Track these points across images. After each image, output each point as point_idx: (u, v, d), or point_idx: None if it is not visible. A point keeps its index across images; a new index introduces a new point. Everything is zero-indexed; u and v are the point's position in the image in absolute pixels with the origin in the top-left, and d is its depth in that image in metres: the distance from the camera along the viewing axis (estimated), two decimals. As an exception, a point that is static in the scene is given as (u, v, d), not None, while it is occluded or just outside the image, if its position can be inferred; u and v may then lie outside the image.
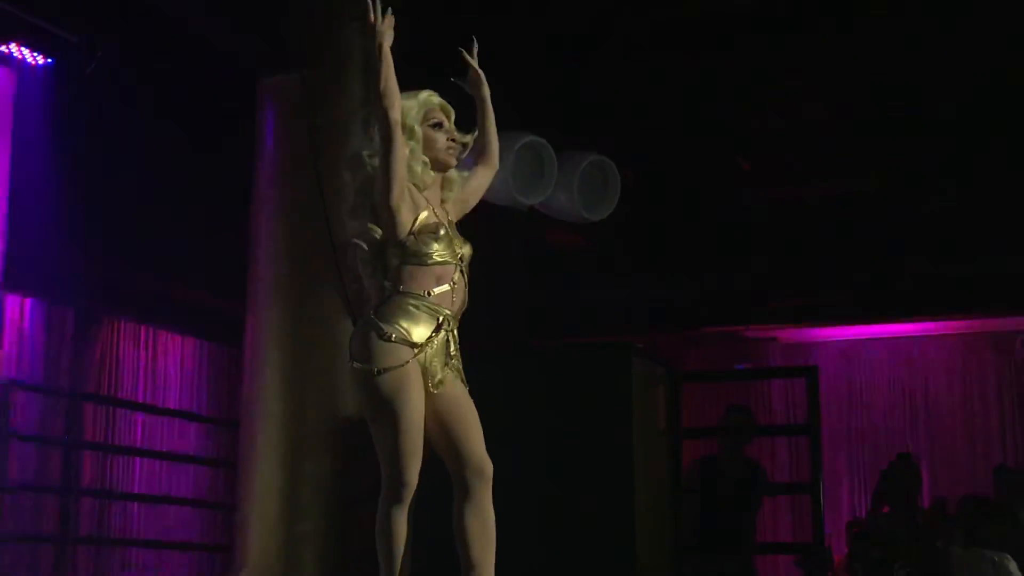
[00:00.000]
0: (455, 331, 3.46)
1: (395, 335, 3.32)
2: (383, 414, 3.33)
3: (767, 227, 8.24)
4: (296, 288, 5.92)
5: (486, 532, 3.37)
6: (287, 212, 5.97)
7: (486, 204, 3.87)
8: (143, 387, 8.58)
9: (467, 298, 3.49)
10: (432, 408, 3.39)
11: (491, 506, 3.39)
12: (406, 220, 3.38)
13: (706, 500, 6.37)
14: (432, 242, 3.40)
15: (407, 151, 3.43)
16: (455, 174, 3.58)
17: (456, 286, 3.44)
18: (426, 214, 3.43)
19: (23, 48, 5.62)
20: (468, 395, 3.47)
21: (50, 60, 5.70)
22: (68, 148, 6.63)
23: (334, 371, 5.73)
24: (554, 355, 6.06)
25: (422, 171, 3.49)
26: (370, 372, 3.32)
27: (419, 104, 3.50)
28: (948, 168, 7.64)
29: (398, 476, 3.33)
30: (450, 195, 3.58)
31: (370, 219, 3.45)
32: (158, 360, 8.75)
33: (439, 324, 3.39)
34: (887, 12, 6.21)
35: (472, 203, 3.66)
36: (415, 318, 3.36)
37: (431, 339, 3.37)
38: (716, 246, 8.34)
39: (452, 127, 3.54)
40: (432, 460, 3.43)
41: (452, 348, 3.44)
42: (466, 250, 3.50)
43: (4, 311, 6.59)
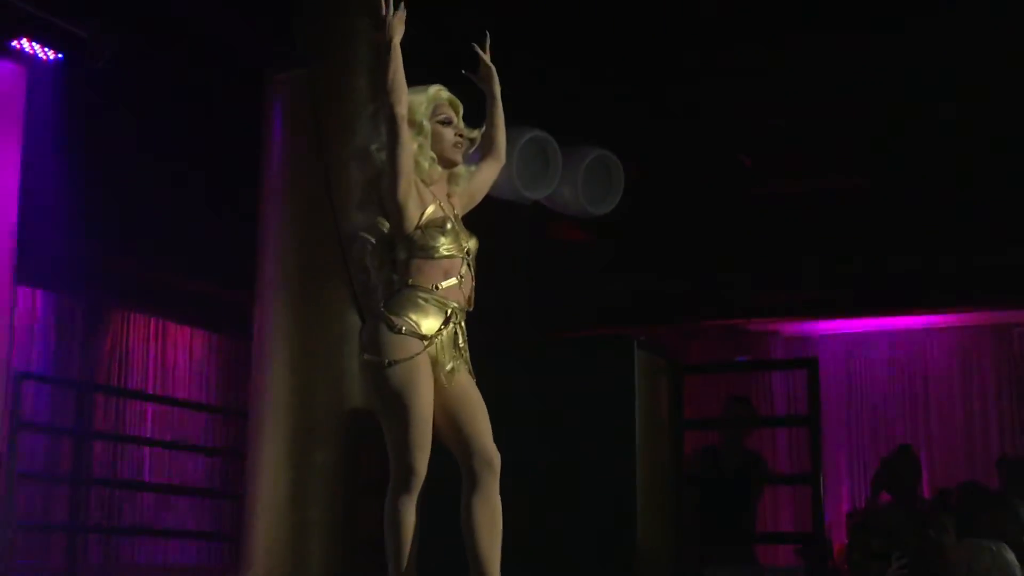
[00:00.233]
0: (463, 323, 3.45)
1: (405, 328, 3.31)
2: (393, 406, 3.32)
3: (768, 222, 8.23)
4: (303, 281, 5.92)
5: (493, 522, 3.36)
6: (295, 206, 5.97)
7: (491, 198, 3.85)
8: (152, 378, 8.59)
9: (474, 290, 3.48)
10: (441, 400, 3.38)
11: (498, 496, 3.38)
12: (413, 214, 3.37)
13: (707, 490, 6.37)
14: (439, 236, 3.38)
15: (415, 146, 3.41)
16: (462, 169, 3.56)
17: (463, 279, 3.43)
18: (433, 208, 3.41)
19: (34, 43, 5.60)
20: (476, 387, 3.46)
21: (60, 55, 5.68)
22: (78, 142, 6.63)
23: (341, 362, 5.74)
24: (558, 348, 6.06)
25: (429, 166, 3.48)
26: (380, 364, 3.30)
27: (428, 99, 3.47)
28: (945, 164, 7.62)
29: (407, 467, 3.32)
30: (456, 189, 3.56)
31: (377, 213, 3.44)
32: (167, 351, 8.75)
33: (448, 317, 3.38)
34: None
35: (479, 197, 3.65)
36: (424, 311, 3.35)
37: (440, 331, 3.36)
38: (718, 241, 8.33)
39: (460, 123, 3.52)
40: (440, 451, 3.42)
41: (460, 340, 3.43)
42: (472, 244, 3.48)
43: (15, 303, 6.57)
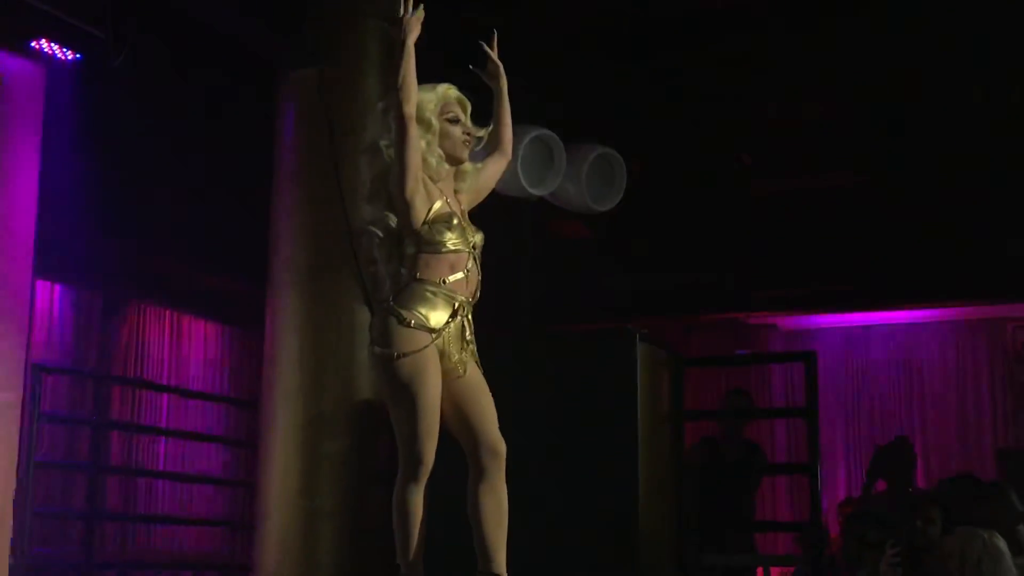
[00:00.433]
0: (470, 316, 3.47)
1: (414, 321, 3.33)
2: (402, 397, 3.34)
3: (768, 218, 8.23)
4: (314, 274, 5.90)
5: (499, 509, 3.40)
6: (306, 201, 5.94)
7: (497, 195, 3.86)
8: (168, 369, 8.60)
9: (480, 284, 3.48)
10: (448, 391, 3.41)
11: (504, 484, 3.41)
12: (420, 210, 3.39)
13: (707, 479, 6.37)
14: (445, 231, 3.40)
15: (423, 143, 3.41)
16: (469, 165, 3.58)
17: (470, 273, 3.45)
18: (439, 204, 3.43)
19: (52, 44, 5.61)
20: (483, 378, 3.48)
21: (78, 55, 5.70)
22: (96, 140, 6.63)
23: (351, 354, 5.72)
24: (563, 340, 6.02)
25: (437, 164, 3.48)
26: (390, 356, 3.33)
27: (437, 98, 3.48)
28: (941, 161, 7.61)
29: (415, 456, 3.35)
30: (463, 186, 3.58)
31: (385, 207, 3.45)
32: (182, 343, 8.77)
33: (455, 310, 3.40)
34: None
35: (485, 193, 3.67)
36: (432, 304, 3.37)
37: (448, 324, 3.38)
38: (719, 237, 8.33)
39: (468, 121, 3.54)
40: (448, 441, 3.43)
41: (468, 333, 3.45)
42: (478, 238, 3.50)
43: (35, 297, 6.59)
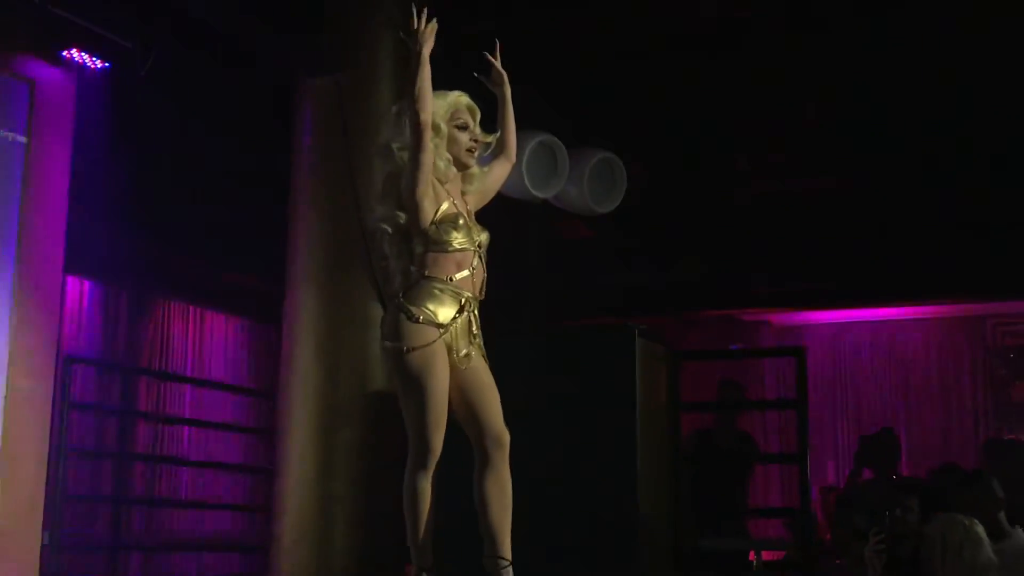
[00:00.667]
0: (476, 311, 3.46)
1: (423, 317, 3.33)
2: (411, 388, 3.34)
3: (760, 220, 8.22)
4: (330, 273, 5.93)
5: (504, 496, 3.39)
6: (322, 203, 5.97)
7: (504, 197, 3.87)
8: (191, 362, 8.57)
9: (486, 281, 3.48)
10: (455, 383, 3.40)
11: (508, 472, 3.41)
12: (429, 211, 3.39)
13: (702, 468, 6.39)
14: (452, 231, 3.40)
15: (432, 147, 3.40)
16: (476, 169, 3.59)
17: (475, 270, 3.44)
18: (447, 206, 3.42)
19: (83, 53, 5.64)
20: (489, 371, 3.48)
21: (107, 64, 5.72)
22: (123, 144, 6.64)
23: (364, 348, 5.75)
24: (565, 336, 6.09)
25: (445, 167, 3.50)
26: (400, 350, 3.33)
27: (448, 104, 3.48)
28: (923, 164, 7.59)
29: (424, 444, 3.35)
30: (470, 188, 3.58)
31: (396, 205, 3.44)
32: (205, 337, 8.74)
33: (462, 306, 3.40)
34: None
35: (491, 194, 3.67)
36: (440, 301, 3.37)
37: (455, 320, 3.37)
38: (714, 237, 8.32)
39: (476, 128, 3.53)
40: (455, 430, 3.43)
41: (474, 327, 3.44)
42: (483, 237, 3.50)
43: (65, 292, 6.59)
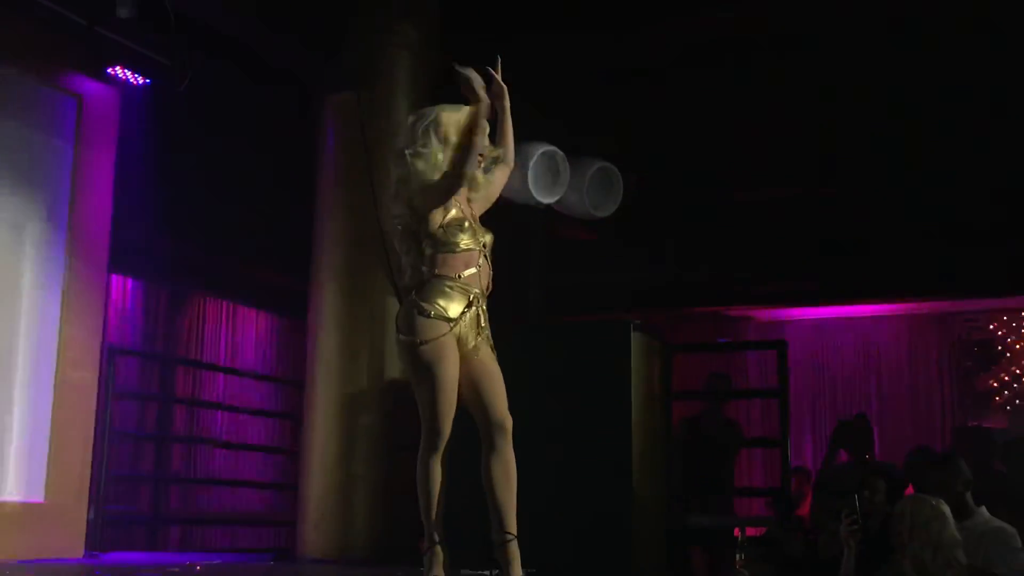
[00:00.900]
0: (484, 306, 3.48)
1: (434, 312, 3.36)
2: (424, 378, 3.38)
3: (746, 224, 8.21)
4: (351, 272, 5.96)
5: (509, 477, 3.40)
6: (345, 208, 5.99)
7: (509, 203, 3.87)
8: (224, 352, 8.59)
9: (492, 278, 3.52)
10: (465, 372, 3.42)
11: (512, 455, 3.42)
12: (437, 217, 3.43)
13: (692, 452, 6.35)
14: (459, 233, 3.42)
15: (441, 157, 3.44)
16: (481, 176, 3.55)
17: (482, 268, 3.46)
18: (455, 212, 3.44)
19: (126, 70, 5.66)
20: (496, 361, 3.49)
21: (148, 80, 5.75)
22: (163, 154, 6.65)
23: (382, 340, 5.80)
24: (566, 330, 5.98)
25: (452, 176, 3.53)
26: (414, 343, 3.36)
27: (461, 118, 3.47)
28: (896, 172, 7.62)
29: (435, 429, 3.38)
30: (476, 195, 3.57)
31: (405, 205, 3.46)
32: (237, 330, 8.76)
33: (470, 301, 3.42)
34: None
35: (493, 198, 3.65)
36: (450, 297, 3.39)
37: (464, 314, 3.40)
38: (703, 240, 8.33)
39: (485, 142, 3.49)
40: (463, 417, 3.47)
41: (482, 321, 3.46)
42: (488, 238, 3.52)
43: (110, 289, 6.68)
